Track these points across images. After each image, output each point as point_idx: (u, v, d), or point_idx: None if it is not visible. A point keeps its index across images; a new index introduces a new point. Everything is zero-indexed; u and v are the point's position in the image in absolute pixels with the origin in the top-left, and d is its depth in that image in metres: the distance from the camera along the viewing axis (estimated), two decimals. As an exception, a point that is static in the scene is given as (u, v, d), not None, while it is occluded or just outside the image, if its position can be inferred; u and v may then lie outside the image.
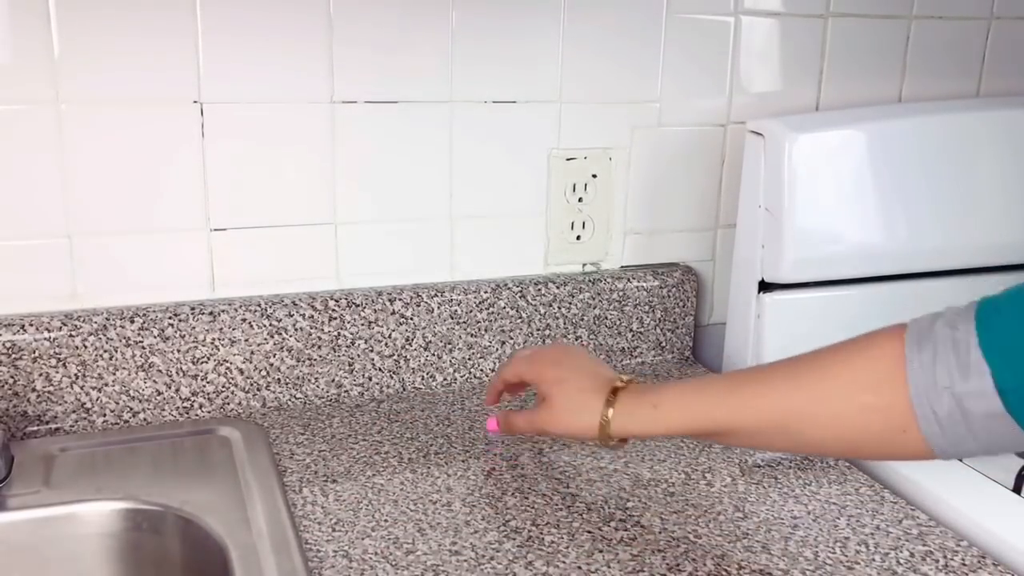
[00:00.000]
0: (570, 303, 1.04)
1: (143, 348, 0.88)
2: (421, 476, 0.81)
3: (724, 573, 0.69)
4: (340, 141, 0.93)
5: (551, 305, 1.03)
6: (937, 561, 0.71)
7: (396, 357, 0.98)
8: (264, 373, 0.93)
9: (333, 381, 0.96)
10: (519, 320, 1.02)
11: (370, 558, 0.69)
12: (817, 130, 0.98)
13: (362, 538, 0.72)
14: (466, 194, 0.99)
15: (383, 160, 0.95)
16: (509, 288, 1.01)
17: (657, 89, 1.04)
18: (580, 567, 0.69)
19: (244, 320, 0.91)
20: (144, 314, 0.88)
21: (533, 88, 0.99)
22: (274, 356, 0.93)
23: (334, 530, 0.73)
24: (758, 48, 1.06)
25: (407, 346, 0.98)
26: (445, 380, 1.01)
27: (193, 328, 0.89)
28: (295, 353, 0.94)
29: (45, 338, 0.85)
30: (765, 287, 1.00)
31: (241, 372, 0.92)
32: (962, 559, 0.72)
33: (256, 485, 0.77)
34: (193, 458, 0.83)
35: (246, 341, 0.91)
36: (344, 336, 0.95)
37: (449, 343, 1.00)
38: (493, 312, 1.01)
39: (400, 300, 0.97)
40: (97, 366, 0.87)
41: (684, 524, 0.75)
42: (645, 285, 1.07)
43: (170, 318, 0.88)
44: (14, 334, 0.84)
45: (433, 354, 1.00)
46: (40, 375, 0.85)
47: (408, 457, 0.85)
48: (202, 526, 0.72)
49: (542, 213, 1.03)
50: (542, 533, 0.73)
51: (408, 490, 0.79)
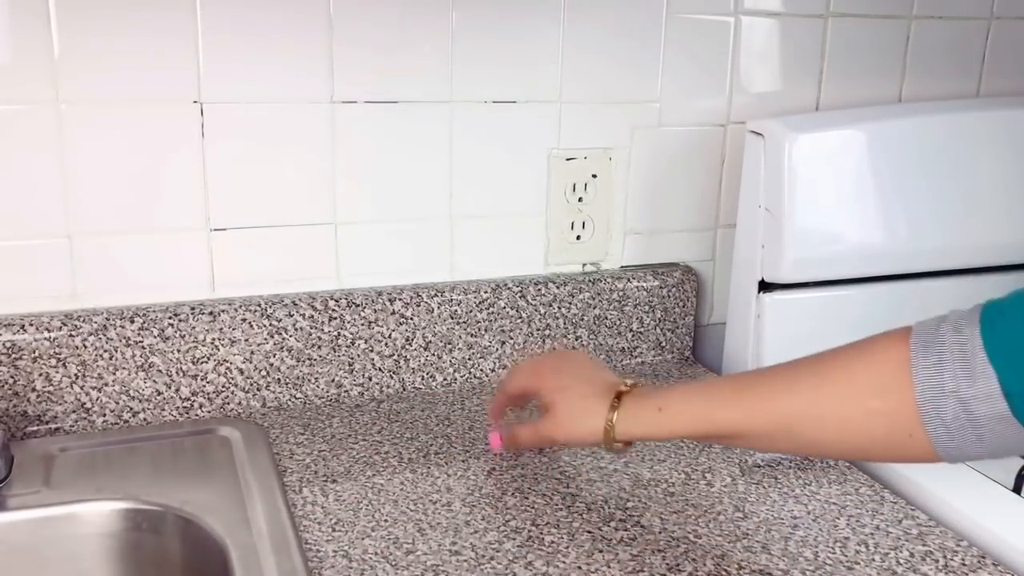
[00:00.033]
0: (570, 303, 1.04)
1: (143, 348, 0.88)
2: (421, 476, 0.81)
3: (724, 573, 0.69)
4: (340, 141, 0.93)
5: (551, 305, 1.03)
6: (937, 561, 0.71)
7: (396, 357, 0.98)
8: (264, 373, 0.93)
9: (333, 381, 0.96)
10: (519, 320, 1.02)
11: (370, 558, 0.69)
12: (817, 130, 0.98)
13: (362, 538, 0.72)
14: (466, 194, 0.99)
15: (383, 160, 0.95)
16: (509, 288, 1.01)
17: (657, 89, 1.04)
18: (580, 567, 0.69)
19: (244, 320, 0.91)
20: (144, 314, 0.88)
21: (533, 88, 0.99)
22: (274, 356, 0.93)
23: (334, 530, 0.73)
24: (758, 48, 1.06)
25: (407, 346, 0.98)
26: (445, 380, 1.01)
27: (193, 328, 0.89)
28: (295, 353, 0.94)
29: (45, 338, 0.85)
30: (765, 287, 1.00)
31: (241, 372, 0.92)
32: (962, 559, 0.72)
33: (256, 485, 0.77)
34: (193, 458, 0.83)
35: (246, 341, 0.91)
36: (344, 336, 0.95)
37: (449, 343, 1.00)
38: (493, 312, 1.01)
39: (400, 300, 0.97)
40: (97, 366, 0.87)
41: (684, 524, 0.75)
42: (645, 285, 1.07)
43: (170, 318, 0.88)
44: (14, 334, 0.84)
45: (433, 354, 1.00)
46: (40, 375, 0.85)
47: (408, 457, 0.85)
48: (202, 526, 0.72)
49: (542, 213, 1.03)
50: (542, 533, 0.73)
51: (408, 490, 0.79)
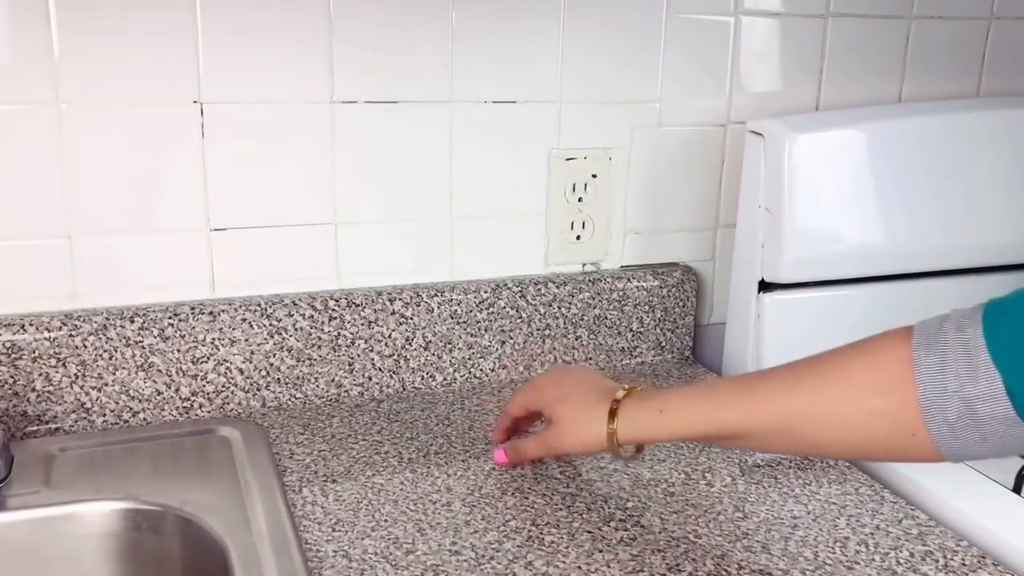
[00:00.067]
0: (570, 303, 1.04)
1: (143, 348, 0.88)
2: (421, 476, 0.81)
3: (724, 573, 0.69)
4: (340, 141, 0.93)
5: (551, 305, 1.03)
6: (937, 561, 0.71)
7: (396, 357, 0.98)
8: (264, 373, 0.93)
9: (333, 381, 0.96)
10: (519, 320, 1.02)
11: (370, 558, 0.69)
12: (817, 130, 0.98)
13: (362, 538, 0.72)
14: (466, 194, 0.99)
15: (383, 160, 0.95)
16: (509, 288, 1.01)
17: (657, 89, 1.04)
18: (580, 567, 0.69)
19: (244, 320, 0.91)
20: (144, 314, 0.88)
21: (533, 88, 0.99)
22: (274, 356, 0.93)
23: (334, 530, 0.73)
24: (758, 48, 1.06)
25: (407, 346, 0.98)
26: (445, 380, 1.01)
27: (193, 328, 0.89)
28: (295, 353, 0.94)
29: (45, 338, 0.85)
30: (765, 287, 1.00)
31: (241, 372, 0.92)
32: (962, 559, 0.72)
33: (256, 485, 0.77)
34: (193, 458, 0.83)
35: (246, 341, 0.91)
36: (344, 336, 0.95)
37: (449, 343, 1.00)
38: (493, 312, 1.01)
39: (400, 300, 0.97)
40: (97, 366, 0.87)
41: (684, 524, 0.75)
42: (645, 285, 1.07)
43: (170, 318, 0.88)
44: (14, 334, 0.84)
45: (433, 354, 1.00)
46: (40, 375, 0.85)
47: (408, 457, 0.85)
48: (202, 526, 0.72)
49: (542, 213, 1.03)
50: (542, 533, 0.73)
51: (408, 490, 0.79)
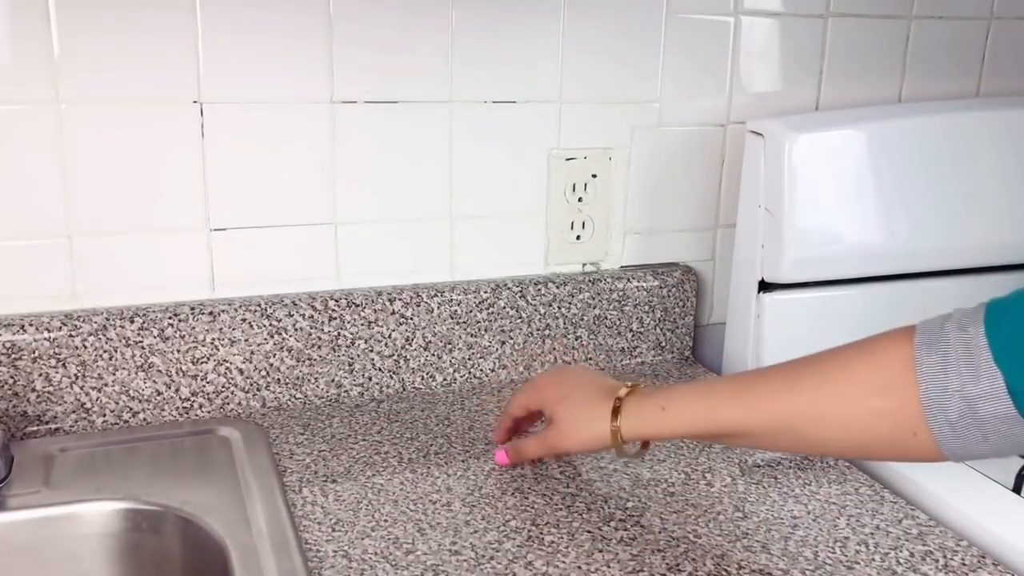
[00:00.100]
0: (570, 303, 1.04)
1: (143, 348, 0.88)
2: (421, 476, 0.81)
3: (724, 573, 0.69)
4: (340, 141, 0.93)
5: (551, 305, 1.03)
6: (937, 561, 0.71)
7: (396, 357, 0.98)
8: (264, 373, 0.93)
9: (333, 381, 0.96)
10: (519, 320, 1.02)
11: (370, 558, 0.69)
12: (817, 130, 0.98)
13: (362, 538, 0.72)
14: (466, 194, 0.99)
15: (383, 160, 0.95)
16: (509, 288, 1.01)
17: (657, 89, 1.04)
18: (580, 567, 0.69)
19: (244, 320, 0.91)
20: (144, 314, 0.88)
21: (533, 88, 0.99)
22: (274, 356, 0.93)
23: (334, 530, 0.73)
24: (758, 48, 1.06)
25: (407, 346, 0.98)
26: (445, 380, 1.01)
27: (193, 328, 0.89)
28: (295, 353, 0.94)
29: (45, 338, 0.85)
30: (765, 287, 1.00)
31: (241, 372, 0.92)
32: (962, 559, 0.72)
33: (256, 485, 0.77)
34: (193, 458, 0.83)
35: (246, 341, 0.91)
36: (344, 336, 0.95)
37: (449, 343, 1.00)
38: (493, 312, 1.01)
39: (400, 300, 0.97)
40: (97, 366, 0.87)
41: (684, 524, 0.75)
42: (645, 285, 1.07)
43: (170, 318, 0.88)
44: (14, 334, 0.84)
45: (433, 354, 1.00)
46: (40, 375, 0.85)
47: (408, 457, 0.85)
48: (202, 526, 0.72)
49: (542, 213, 1.03)
50: (542, 533, 0.73)
51: (408, 490, 0.79)
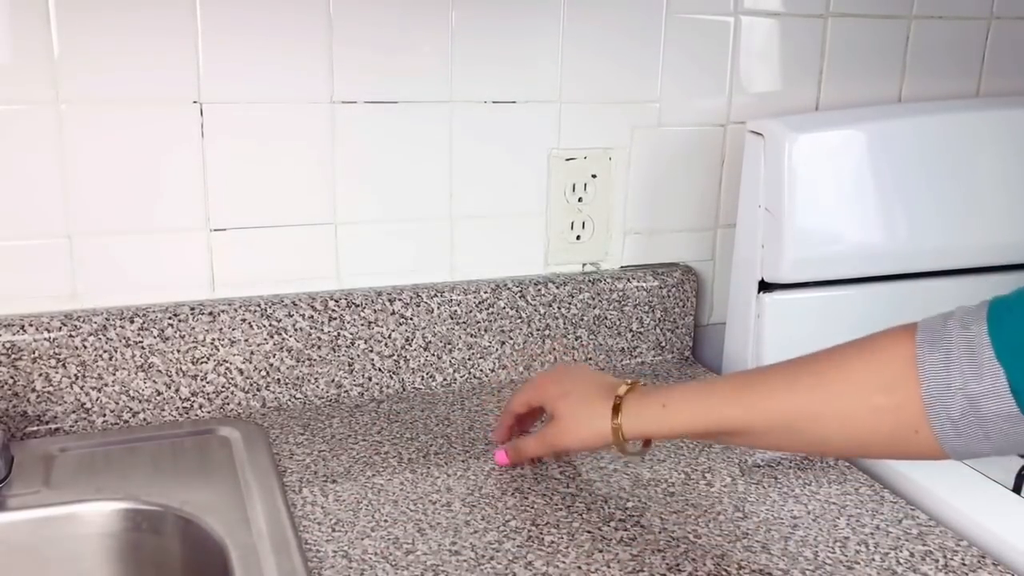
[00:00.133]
0: (570, 303, 1.04)
1: (143, 348, 0.88)
2: (421, 476, 0.81)
3: (724, 573, 0.69)
4: (340, 141, 0.93)
5: (551, 305, 1.03)
6: (937, 561, 0.71)
7: (396, 357, 0.98)
8: (264, 373, 0.93)
9: (333, 381, 0.96)
10: (519, 320, 1.02)
11: (370, 558, 0.69)
12: (817, 130, 0.98)
13: (362, 538, 0.72)
14: (466, 194, 0.99)
15: (383, 160, 0.95)
16: (509, 288, 1.01)
17: (657, 89, 1.04)
18: (580, 567, 0.69)
19: (244, 320, 0.91)
20: (144, 314, 0.88)
21: (533, 88, 0.99)
22: (274, 356, 0.93)
23: (334, 530, 0.73)
24: (758, 48, 1.06)
25: (407, 346, 0.98)
26: (445, 380, 1.01)
27: (193, 328, 0.89)
28: (295, 353, 0.94)
29: (45, 338, 0.85)
30: (765, 287, 1.00)
31: (241, 372, 0.92)
32: (962, 559, 0.72)
33: (256, 485, 0.77)
34: (193, 458, 0.83)
35: (246, 341, 0.91)
36: (344, 336, 0.95)
37: (449, 343, 1.00)
38: (493, 312, 1.01)
39: (400, 300, 0.97)
40: (97, 366, 0.87)
41: (684, 524, 0.75)
42: (645, 285, 1.07)
43: (170, 318, 0.88)
44: (14, 334, 0.84)
45: (433, 354, 1.00)
46: (40, 375, 0.85)
47: (408, 457, 0.85)
48: (202, 526, 0.72)
49: (542, 213, 1.03)
50: (542, 533, 0.73)
51: (408, 490, 0.79)
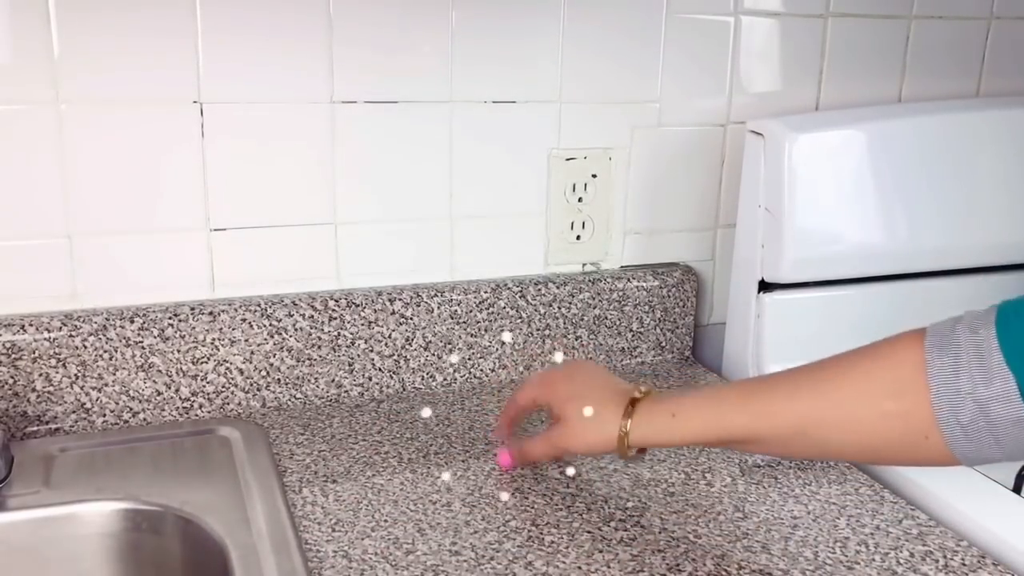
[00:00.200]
0: (570, 303, 1.04)
1: (143, 348, 0.88)
2: (421, 476, 0.81)
3: (724, 573, 0.69)
4: (340, 141, 0.93)
5: (551, 305, 1.03)
6: (937, 561, 0.71)
7: (396, 357, 0.98)
8: (264, 373, 0.93)
9: (333, 381, 0.96)
10: (519, 320, 1.02)
11: (370, 558, 0.69)
12: (817, 130, 0.98)
13: (362, 538, 0.72)
14: (466, 194, 0.99)
15: (383, 160, 0.95)
16: (509, 288, 1.01)
17: (657, 89, 1.04)
18: (580, 567, 0.69)
19: (244, 320, 0.91)
20: (144, 314, 0.88)
21: (533, 88, 0.99)
22: (274, 356, 0.93)
23: (334, 530, 0.73)
24: (758, 48, 1.06)
25: (407, 346, 0.98)
26: (445, 380, 1.01)
27: (193, 328, 0.89)
28: (295, 353, 0.94)
29: (45, 338, 0.85)
30: (765, 287, 1.00)
31: (241, 372, 0.92)
32: (962, 559, 0.72)
33: (256, 485, 0.77)
34: (193, 458, 0.83)
35: (246, 341, 0.91)
36: (344, 336, 0.95)
37: (449, 343, 1.00)
38: (493, 312, 1.01)
39: (400, 300, 0.97)
40: (97, 366, 0.87)
41: (684, 524, 0.75)
42: (645, 285, 1.07)
43: (170, 318, 0.88)
44: (14, 334, 0.84)
45: (433, 354, 1.00)
46: (40, 375, 0.85)
47: (408, 457, 0.85)
48: (202, 526, 0.72)
49: (542, 213, 1.03)
50: (542, 533, 0.73)
51: (408, 490, 0.79)
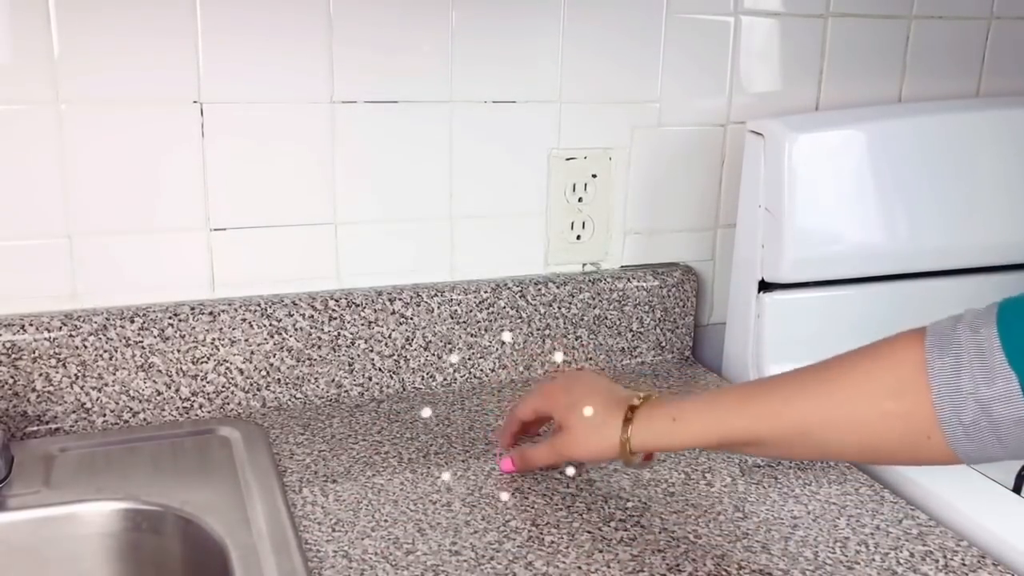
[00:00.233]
0: (570, 303, 1.04)
1: (143, 348, 0.88)
2: (421, 476, 0.81)
3: (724, 573, 0.69)
4: (340, 141, 0.93)
5: (551, 305, 1.03)
6: (937, 561, 0.71)
7: (396, 357, 0.98)
8: (264, 373, 0.93)
9: (333, 381, 0.96)
10: (519, 320, 1.02)
11: (370, 558, 0.69)
12: (817, 130, 0.98)
13: (362, 538, 0.72)
14: (466, 194, 0.99)
15: (383, 160, 0.95)
16: (509, 288, 1.01)
17: (657, 89, 1.04)
18: (580, 567, 0.69)
19: (244, 320, 0.91)
20: (144, 314, 0.88)
21: (533, 88, 0.99)
22: (274, 356, 0.93)
23: (334, 530, 0.73)
24: (758, 48, 1.06)
25: (407, 346, 0.98)
26: (445, 380, 1.01)
27: (193, 328, 0.89)
28: (295, 353, 0.94)
29: (45, 338, 0.85)
30: (765, 287, 1.00)
31: (241, 372, 0.92)
32: (962, 559, 0.72)
33: (256, 485, 0.77)
34: (193, 458, 0.83)
35: (246, 341, 0.91)
36: (344, 336, 0.95)
37: (449, 343, 1.00)
38: (493, 312, 1.01)
39: (400, 300, 0.97)
40: (97, 366, 0.87)
41: (684, 524, 0.75)
42: (645, 285, 1.07)
43: (170, 318, 0.88)
44: (14, 334, 0.84)
45: (433, 354, 1.00)
46: (40, 375, 0.85)
47: (408, 457, 0.85)
48: (202, 526, 0.72)
49: (542, 213, 1.03)
50: (542, 533, 0.73)
51: (408, 490, 0.79)
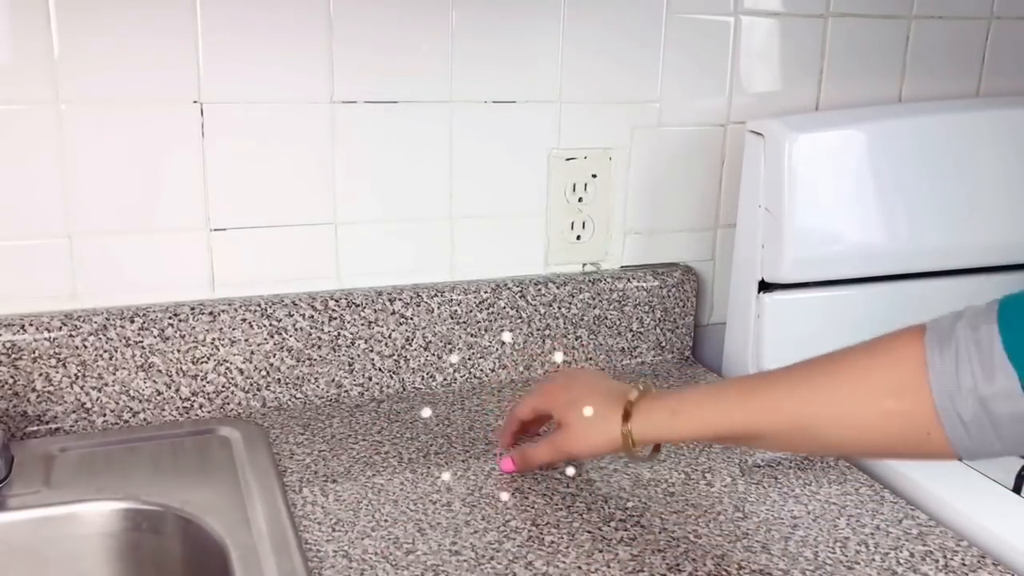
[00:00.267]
0: (570, 303, 1.04)
1: (143, 348, 0.88)
2: (421, 476, 0.81)
3: (724, 573, 0.69)
4: (340, 141, 0.93)
5: (551, 305, 1.03)
6: (937, 561, 0.71)
7: (396, 357, 0.98)
8: (264, 373, 0.93)
9: (333, 381, 0.96)
10: (519, 320, 1.02)
11: (370, 558, 0.69)
12: (817, 130, 0.98)
13: (362, 538, 0.72)
14: (466, 194, 0.99)
15: (383, 160, 0.95)
16: (509, 288, 1.01)
17: (657, 89, 1.04)
18: (580, 567, 0.69)
19: (244, 320, 0.91)
20: (144, 314, 0.88)
21: (533, 88, 0.99)
22: (274, 356, 0.93)
23: (334, 530, 0.73)
24: (758, 48, 1.06)
25: (407, 346, 0.98)
26: (445, 380, 1.01)
27: (193, 328, 0.89)
28: (295, 353, 0.94)
29: (45, 338, 0.85)
30: (765, 287, 1.00)
31: (241, 372, 0.92)
32: (962, 559, 0.72)
33: (256, 485, 0.77)
34: (193, 458, 0.83)
35: (246, 341, 0.91)
36: (344, 336, 0.95)
37: (449, 343, 1.00)
38: (493, 312, 1.01)
39: (400, 300, 0.97)
40: (97, 366, 0.87)
41: (684, 524, 0.75)
42: (645, 285, 1.07)
43: (170, 318, 0.88)
44: (14, 334, 0.84)
45: (433, 354, 1.00)
46: (40, 375, 0.85)
47: (408, 457, 0.85)
48: (202, 526, 0.72)
49: (542, 213, 1.03)
50: (542, 533, 0.73)
51: (408, 490, 0.79)
